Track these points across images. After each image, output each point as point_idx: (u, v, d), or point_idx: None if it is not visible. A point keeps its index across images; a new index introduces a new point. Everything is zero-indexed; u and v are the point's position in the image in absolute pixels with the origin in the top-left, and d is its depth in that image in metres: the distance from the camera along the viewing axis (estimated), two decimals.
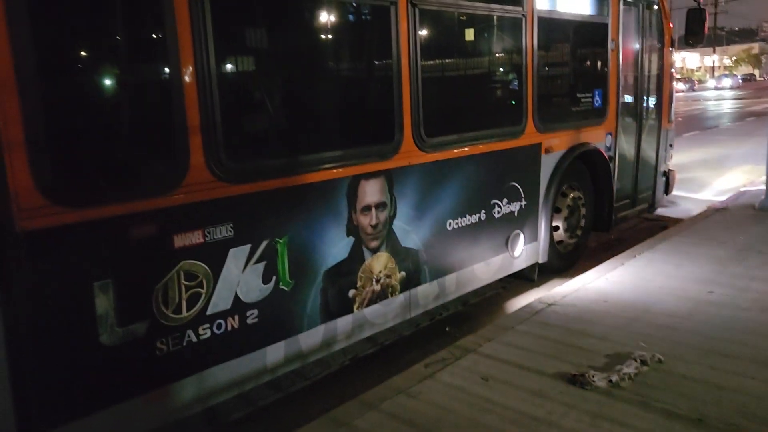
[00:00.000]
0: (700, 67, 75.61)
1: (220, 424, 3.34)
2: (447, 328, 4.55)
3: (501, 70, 4.96)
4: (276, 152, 3.27)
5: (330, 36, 3.65)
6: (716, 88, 53.87)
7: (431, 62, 4.08)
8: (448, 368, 3.51)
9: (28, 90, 2.26)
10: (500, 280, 5.02)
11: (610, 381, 3.23)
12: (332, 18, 3.60)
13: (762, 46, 77.58)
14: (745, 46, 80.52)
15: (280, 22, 3.36)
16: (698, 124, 21.10)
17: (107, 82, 2.73)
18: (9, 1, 2.19)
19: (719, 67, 72.73)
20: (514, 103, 4.83)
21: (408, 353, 4.10)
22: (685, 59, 71.44)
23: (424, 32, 3.89)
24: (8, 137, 2.22)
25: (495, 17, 4.62)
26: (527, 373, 3.43)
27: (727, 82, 56.38)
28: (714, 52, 69.04)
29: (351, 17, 3.80)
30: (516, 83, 4.80)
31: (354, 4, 3.68)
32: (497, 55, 4.91)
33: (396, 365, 3.79)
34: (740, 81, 57.78)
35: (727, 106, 30.99)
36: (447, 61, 4.46)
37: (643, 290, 4.64)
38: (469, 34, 4.56)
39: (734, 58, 78.32)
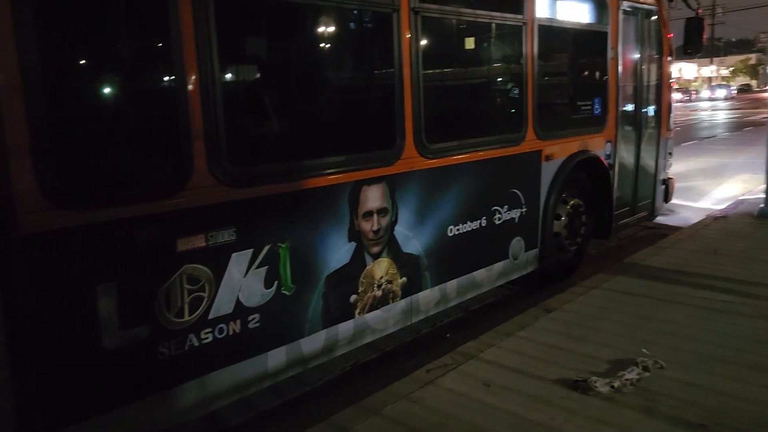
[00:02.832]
0: (697, 78, 75.91)
1: (221, 429, 3.33)
2: (448, 335, 4.54)
3: (502, 77, 4.98)
4: (279, 157, 3.27)
5: (333, 43, 3.66)
6: (710, 99, 54.03)
7: (433, 69, 4.09)
8: (450, 374, 3.51)
9: (33, 94, 2.27)
10: (501, 286, 5.02)
11: (612, 387, 3.22)
12: (335, 25, 3.62)
13: (759, 56, 77.93)
14: (742, 57, 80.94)
15: (283, 28, 3.38)
16: (696, 134, 21.19)
17: (112, 86, 2.73)
18: (16, 7, 2.21)
19: (717, 77, 72.97)
20: (514, 110, 4.85)
21: (409, 359, 4.08)
22: (682, 70, 71.71)
23: (425, 39, 3.91)
24: (13, 140, 2.23)
25: (496, 25, 4.64)
26: (529, 378, 3.42)
27: (721, 92, 56.57)
28: (711, 62, 69.35)
29: (354, 24, 3.82)
30: (517, 90, 4.81)
31: (356, 12, 3.70)
32: (498, 62, 4.94)
33: (397, 371, 3.77)
34: (733, 92, 57.93)
35: (725, 116, 31.12)
36: (448, 67, 4.48)
37: (643, 297, 4.63)
38: (471, 42, 4.58)
39: (731, 68, 78.69)
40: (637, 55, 6.34)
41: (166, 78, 2.79)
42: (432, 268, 4.14)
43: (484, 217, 4.52)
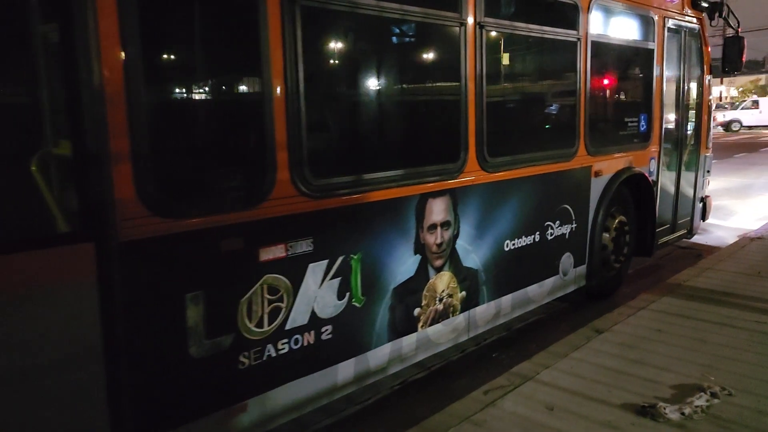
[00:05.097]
0: None
1: None
2: (494, 354, 4.47)
3: (557, 92, 4.95)
4: (354, 169, 3.24)
5: (404, 56, 3.67)
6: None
7: (495, 83, 4.07)
8: (509, 396, 3.44)
9: (135, 104, 2.27)
10: (543, 304, 4.94)
11: (683, 413, 3.16)
12: (406, 39, 3.62)
13: None
14: (752, 78, 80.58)
15: (359, 45, 3.40)
16: (714, 154, 21.05)
17: (205, 98, 2.76)
18: (123, 26, 2.21)
19: (726, 97, 72.79)
20: (568, 125, 4.82)
21: (458, 379, 4.01)
22: None
23: (490, 54, 3.88)
24: (115, 148, 2.23)
25: (552, 40, 4.61)
26: (593, 402, 3.36)
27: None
28: (722, 82, 69.26)
29: (424, 39, 3.80)
30: (570, 106, 4.79)
31: (426, 26, 3.66)
32: (554, 77, 4.91)
33: (448, 391, 3.72)
34: None
35: (738, 137, 30.97)
36: (509, 82, 4.46)
37: (695, 319, 4.57)
38: (531, 57, 4.58)
39: (741, 89, 78.46)
40: (679, 73, 6.32)
41: (256, 93, 2.79)
42: (489, 282, 4.10)
43: (538, 232, 4.49)
